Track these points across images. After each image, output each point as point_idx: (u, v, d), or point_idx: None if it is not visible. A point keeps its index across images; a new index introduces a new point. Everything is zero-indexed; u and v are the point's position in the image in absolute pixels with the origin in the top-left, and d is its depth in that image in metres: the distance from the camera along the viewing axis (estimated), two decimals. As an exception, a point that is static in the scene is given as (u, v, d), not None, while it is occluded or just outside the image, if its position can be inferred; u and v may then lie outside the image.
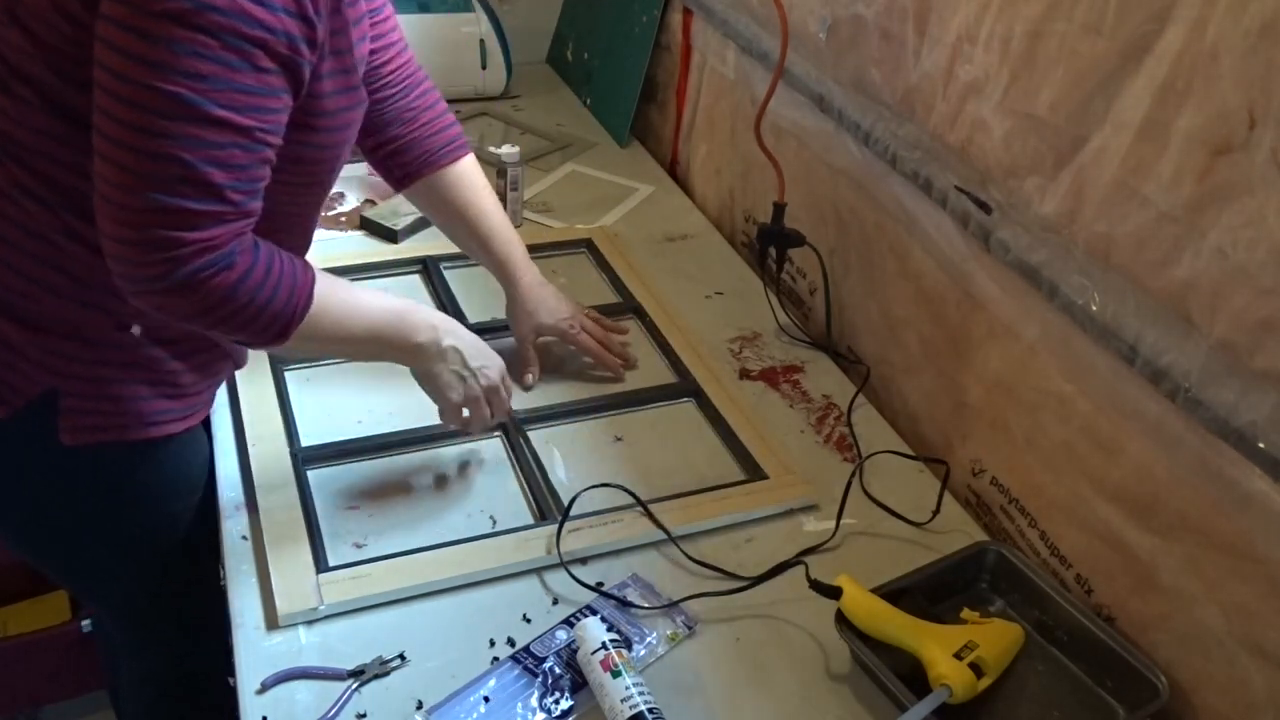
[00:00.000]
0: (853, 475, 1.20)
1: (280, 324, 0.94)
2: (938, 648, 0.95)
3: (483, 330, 1.42)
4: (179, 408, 1.04)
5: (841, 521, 1.15)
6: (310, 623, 1.00)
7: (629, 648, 0.97)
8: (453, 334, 1.10)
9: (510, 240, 1.31)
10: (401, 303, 1.08)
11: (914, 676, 0.95)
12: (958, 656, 0.95)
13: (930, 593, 1.06)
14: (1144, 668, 0.97)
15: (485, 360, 1.13)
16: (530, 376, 1.33)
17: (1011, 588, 1.09)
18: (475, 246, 1.31)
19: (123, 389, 0.99)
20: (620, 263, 1.59)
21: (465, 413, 1.13)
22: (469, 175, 1.27)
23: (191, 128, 0.81)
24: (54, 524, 1.06)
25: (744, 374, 1.40)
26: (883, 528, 1.17)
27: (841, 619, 0.98)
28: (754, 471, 1.22)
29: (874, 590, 1.00)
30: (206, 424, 1.18)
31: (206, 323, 0.90)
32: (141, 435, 1.02)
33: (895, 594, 1.02)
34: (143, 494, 1.08)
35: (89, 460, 1.01)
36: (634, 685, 0.92)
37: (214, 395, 1.13)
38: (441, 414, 1.14)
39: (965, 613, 1.04)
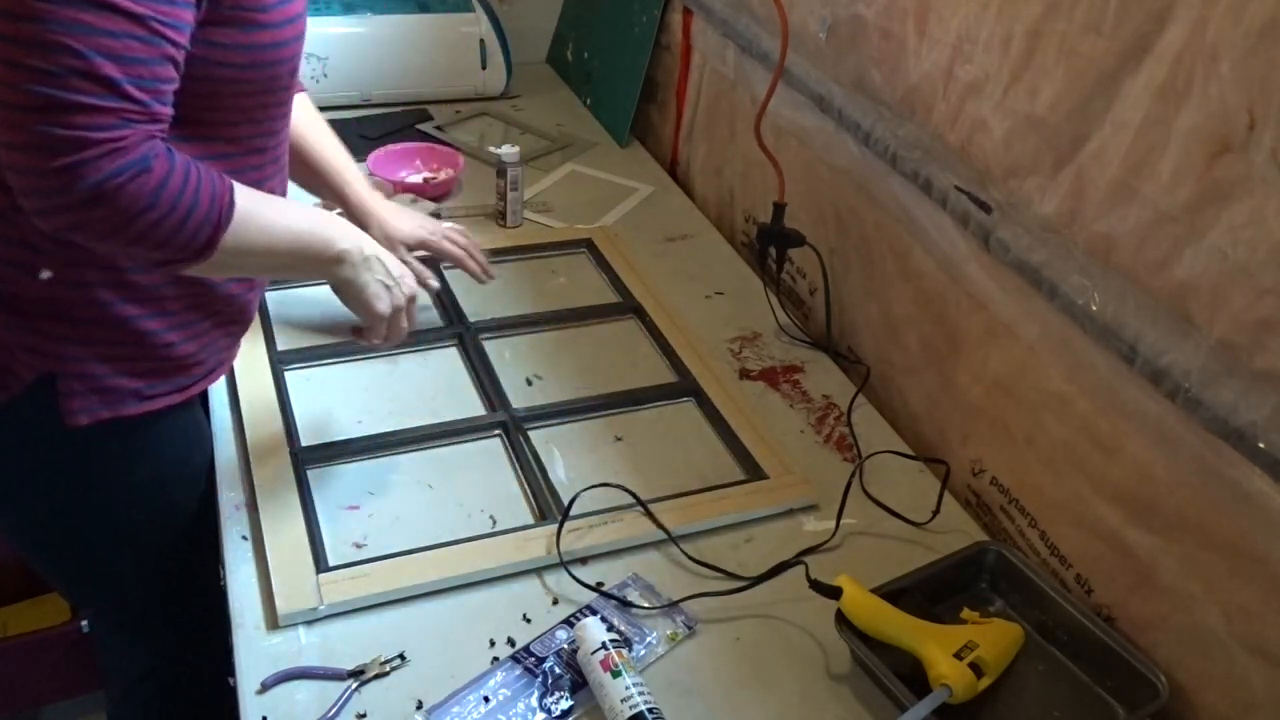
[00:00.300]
0: (853, 475, 1.20)
1: (205, 233, 0.87)
2: (938, 648, 0.95)
3: (484, 329, 1.42)
4: (179, 378, 1.04)
5: (842, 521, 1.15)
6: (310, 623, 1.00)
7: (629, 648, 0.97)
8: (372, 243, 1.07)
9: (349, 164, 1.30)
10: (316, 210, 1.06)
11: (914, 676, 0.95)
12: (958, 656, 0.95)
13: (930, 593, 1.06)
14: (1144, 667, 0.97)
15: (402, 270, 1.10)
16: (432, 280, 1.31)
17: (1011, 588, 1.09)
18: (316, 173, 1.28)
19: (118, 365, 0.98)
20: (620, 263, 1.59)
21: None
22: (305, 106, 1.25)
23: (77, 10, 0.74)
24: (55, 512, 1.05)
25: (744, 374, 1.40)
26: (883, 528, 1.17)
27: (841, 619, 0.98)
28: (754, 471, 1.22)
29: (874, 590, 1.00)
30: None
31: (126, 238, 0.84)
32: (139, 410, 1.01)
33: (895, 594, 1.02)
34: (144, 477, 1.07)
35: (90, 443, 1.00)
36: (634, 685, 0.92)
37: (218, 369, 1.12)
38: (364, 329, 1.11)
39: (965, 613, 1.04)
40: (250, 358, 1.29)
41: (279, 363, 1.31)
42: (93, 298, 0.95)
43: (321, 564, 1.04)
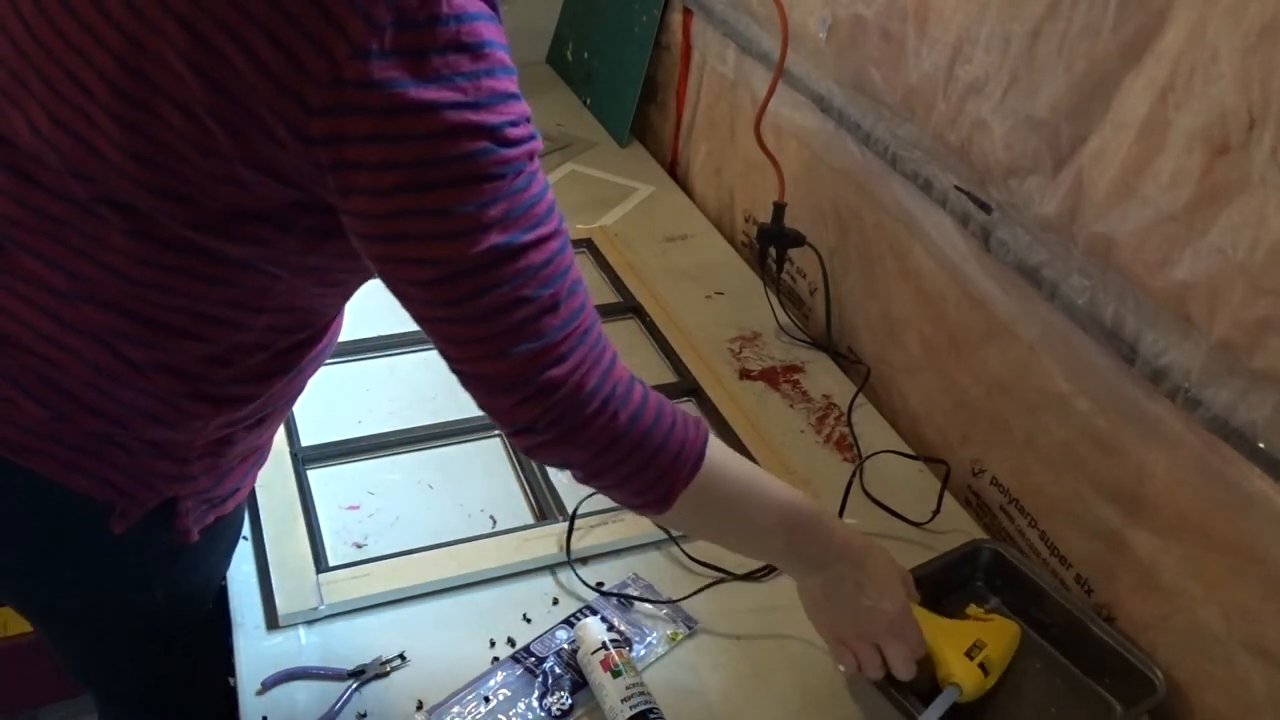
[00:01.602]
0: (853, 476, 1.20)
1: (667, 480, 0.81)
2: (949, 646, 0.95)
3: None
4: (254, 471, 1.00)
5: (843, 517, 1.15)
6: (310, 623, 1.00)
7: (629, 648, 0.97)
8: (860, 565, 0.91)
9: None
10: (806, 499, 0.92)
11: (915, 678, 0.95)
12: (968, 656, 0.94)
13: (927, 591, 1.06)
14: (1140, 663, 0.97)
15: (890, 596, 0.93)
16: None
17: (1006, 585, 1.09)
18: None
19: (221, 475, 0.93)
20: (620, 263, 1.59)
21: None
22: None
23: (514, 264, 0.73)
24: (120, 611, 0.98)
25: (744, 374, 1.40)
26: (883, 527, 1.17)
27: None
28: (754, 471, 1.22)
29: None
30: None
31: (600, 464, 0.80)
32: (233, 505, 0.97)
33: None
34: (204, 574, 1.01)
35: (185, 549, 0.94)
36: (634, 685, 0.92)
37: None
38: (834, 653, 0.97)
39: (971, 609, 1.04)
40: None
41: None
42: (232, 434, 0.91)
43: (321, 564, 1.04)
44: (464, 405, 1.28)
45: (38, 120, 0.74)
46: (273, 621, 0.99)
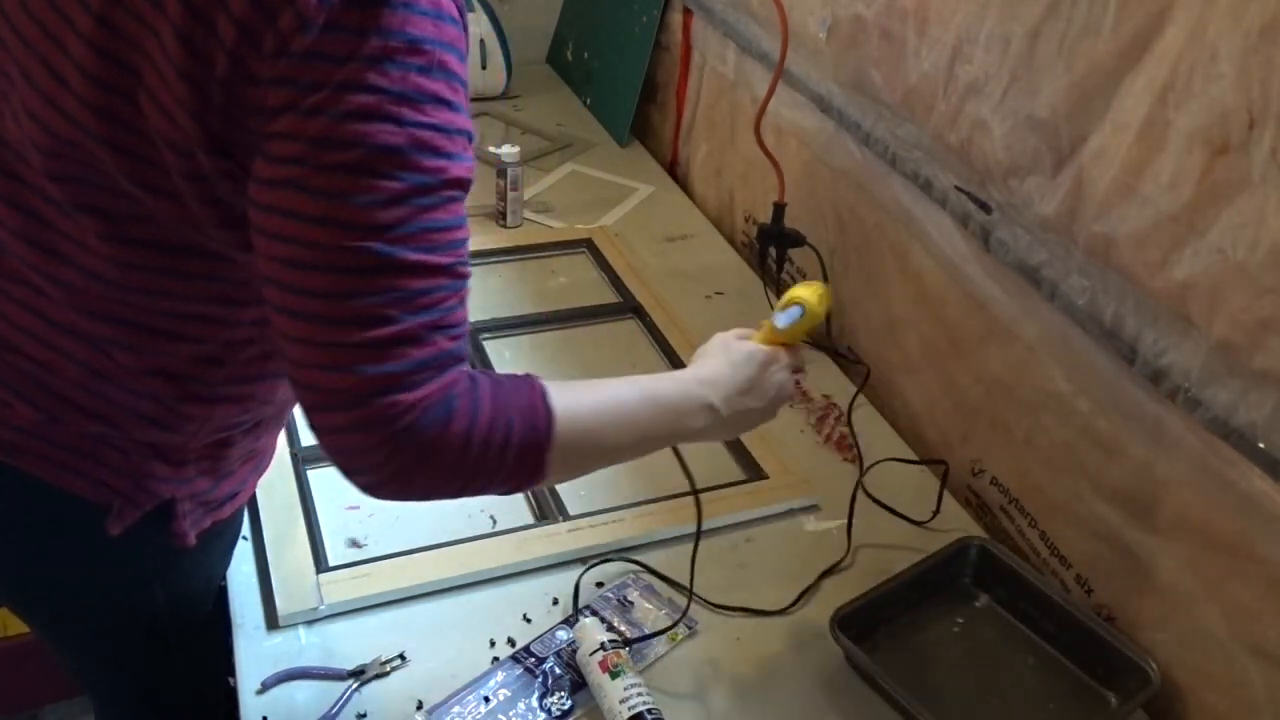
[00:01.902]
0: (857, 487, 1.19)
1: (531, 460, 0.75)
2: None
3: (484, 329, 1.42)
4: (251, 477, 1.00)
5: (846, 522, 1.15)
6: (310, 623, 1.00)
7: (628, 648, 0.97)
8: (725, 398, 0.90)
9: None
10: (658, 386, 0.89)
11: (911, 677, 0.95)
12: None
13: (917, 591, 1.06)
14: (1134, 655, 0.98)
15: (763, 388, 0.93)
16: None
17: (996, 582, 1.09)
18: None
19: (219, 478, 0.93)
20: (620, 263, 1.59)
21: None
22: None
23: (391, 278, 0.67)
24: (100, 604, 0.97)
25: (744, 374, 1.40)
26: (883, 527, 1.17)
27: (837, 623, 0.98)
28: (754, 471, 1.22)
29: (862, 596, 1.01)
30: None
31: (453, 487, 0.75)
32: (230, 510, 0.97)
33: (885, 596, 1.02)
34: (203, 578, 1.00)
35: (186, 552, 0.93)
36: (633, 686, 0.92)
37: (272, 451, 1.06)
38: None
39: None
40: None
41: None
42: (230, 437, 0.91)
43: (321, 564, 1.04)
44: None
45: (19, 115, 0.74)
46: (273, 621, 0.99)
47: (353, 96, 0.65)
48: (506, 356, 1.38)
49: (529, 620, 1.02)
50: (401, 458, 0.71)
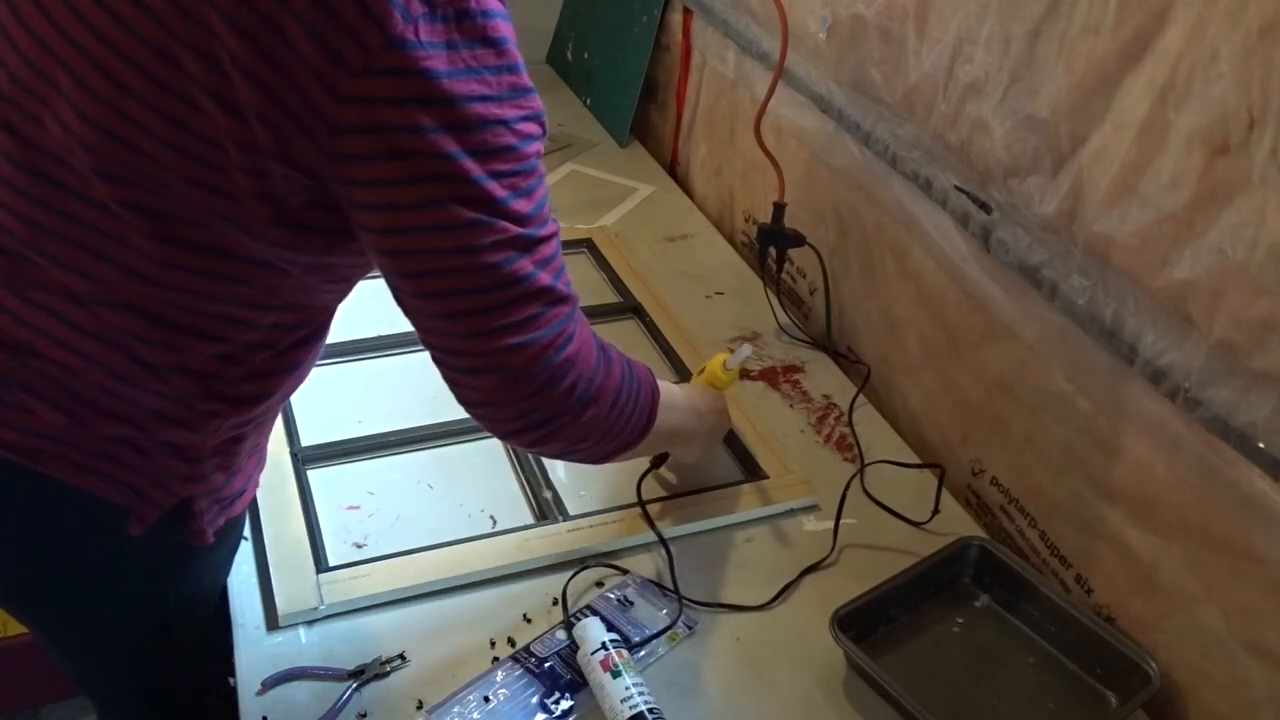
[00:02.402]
0: (849, 484, 1.19)
1: (642, 424, 0.93)
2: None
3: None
4: (256, 474, 1.01)
5: (841, 521, 1.15)
6: (310, 623, 1.00)
7: (629, 648, 0.97)
8: (710, 412, 1.13)
9: None
10: (675, 387, 1.06)
11: (911, 677, 0.95)
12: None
13: (917, 591, 1.06)
14: (1134, 655, 0.98)
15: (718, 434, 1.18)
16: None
17: (996, 581, 1.09)
18: None
19: (230, 474, 0.93)
20: (620, 263, 1.59)
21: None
22: None
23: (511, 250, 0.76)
24: (117, 613, 0.97)
25: (744, 374, 1.40)
26: (883, 528, 1.17)
27: (837, 623, 0.98)
28: (754, 471, 1.22)
29: (862, 596, 1.01)
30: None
31: (594, 436, 0.87)
32: (242, 507, 0.98)
33: (885, 596, 1.02)
34: (210, 577, 1.01)
35: (201, 550, 0.94)
36: (634, 686, 0.92)
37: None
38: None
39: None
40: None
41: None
42: (242, 433, 0.92)
43: (321, 564, 1.04)
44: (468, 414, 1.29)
45: (67, 118, 0.73)
46: (273, 621, 0.99)
47: (467, 108, 0.70)
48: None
49: (529, 620, 1.02)
50: (582, 406, 0.83)
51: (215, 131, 0.71)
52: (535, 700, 0.94)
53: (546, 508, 1.14)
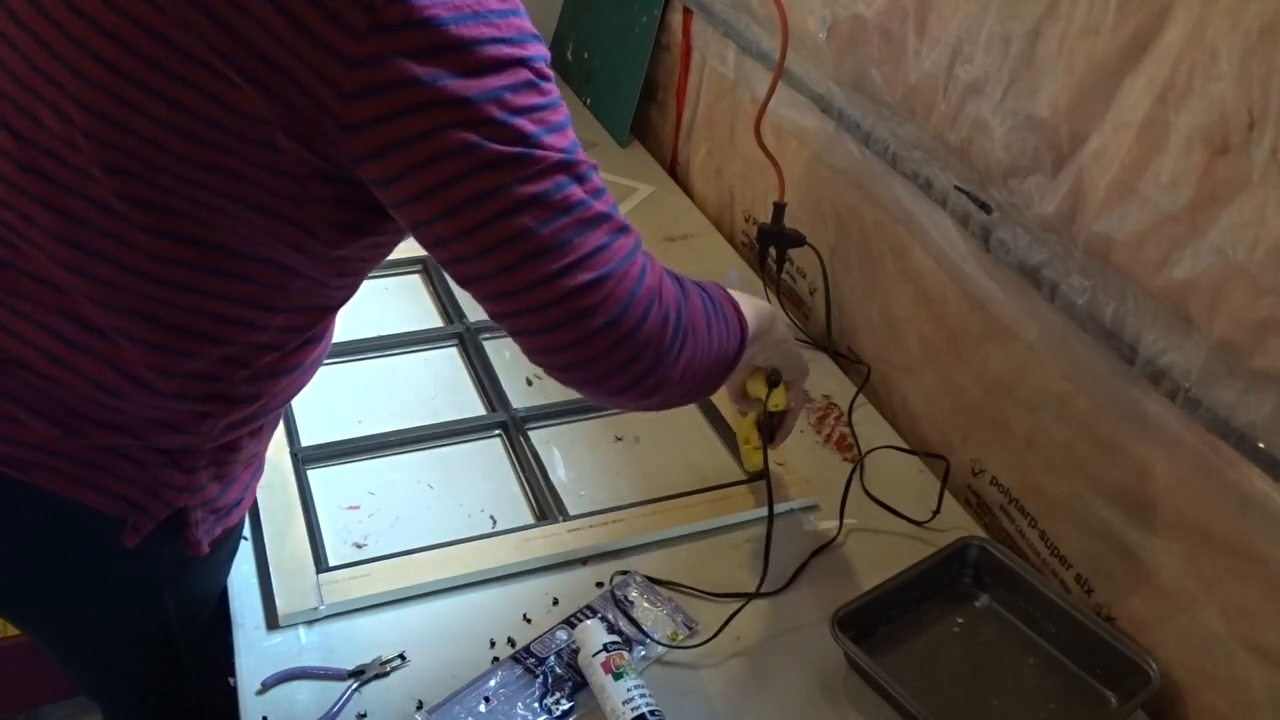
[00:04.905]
0: (852, 472, 1.20)
1: (732, 347, 0.88)
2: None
3: (484, 329, 1.42)
4: (252, 481, 1.00)
5: (844, 521, 1.15)
6: (310, 623, 1.00)
7: (629, 649, 0.97)
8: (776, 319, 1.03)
9: None
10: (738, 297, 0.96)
11: (911, 677, 0.95)
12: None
13: (917, 591, 1.06)
14: (1134, 655, 0.98)
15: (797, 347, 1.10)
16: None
17: (996, 581, 1.09)
18: None
19: (227, 483, 0.93)
20: (620, 263, 1.59)
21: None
22: None
23: (556, 179, 0.73)
24: (122, 624, 0.97)
25: (744, 374, 1.40)
26: (884, 527, 1.17)
27: (837, 623, 0.98)
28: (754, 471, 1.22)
29: (862, 596, 1.01)
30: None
31: (703, 368, 0.83)
32: (238, 517, 0.97)
33: (885, 596, 1.02)
34: (209, 585, 1.01)
35: (196, 560, 0.94)
36: (635, 687, 0.92)
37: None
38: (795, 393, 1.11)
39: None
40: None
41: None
42: (238, 438, 0.91)
43: (321, 564, 1.04)
44: (464, 405, 1.29)
45: (67, 110, 0.72)
46: (273, 621, 0.99)
47: (481, 51, 0.68)
48: (507, 356, 1.38)
49: (529, 620, 1.02)
50: (663, 342, 0.77)
51: (216, 112, 0.70)
52: (535, 701, 0.94)
53: (546, 508, 1.14)
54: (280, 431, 1.20)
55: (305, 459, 1.18)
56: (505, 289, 0.73)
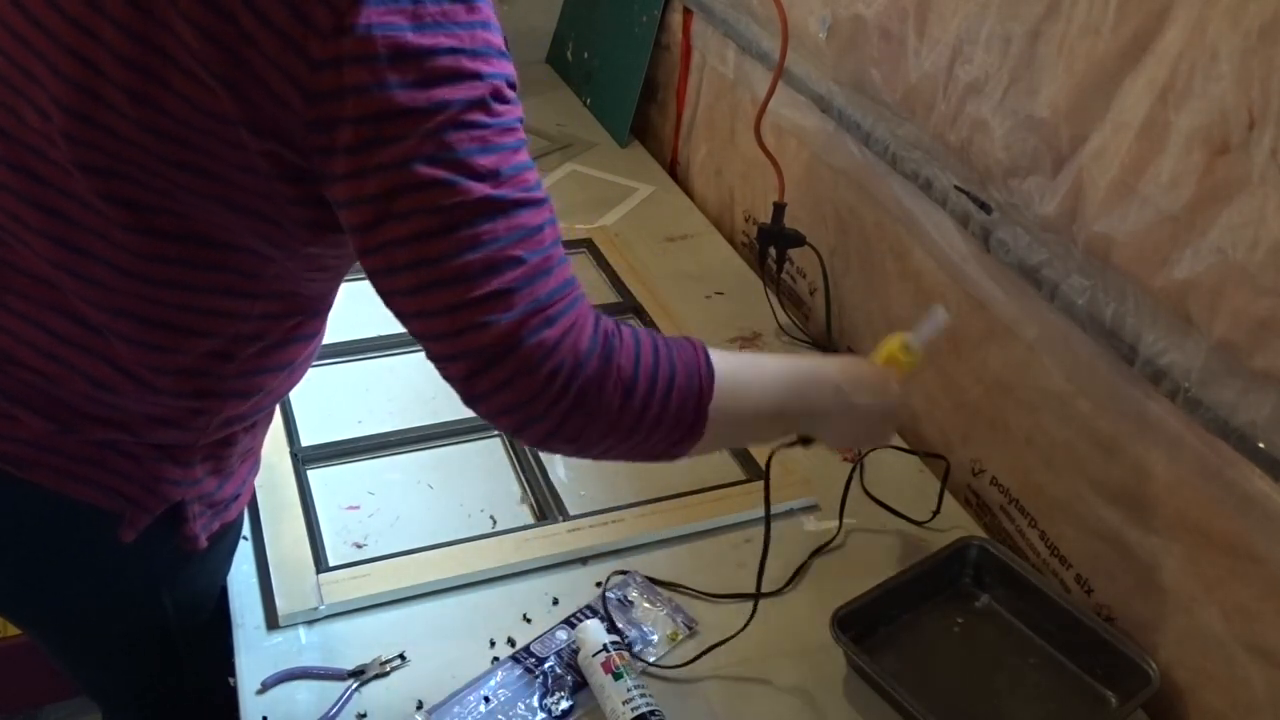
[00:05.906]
0: (852, 472, 1.20)
1: (693, 408, 0.77)
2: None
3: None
4: (249, 477, 1.00)
5: (843, 521, 1.15)
6: (310, 623, 1.00)
7: (629, 649, 0.97)
8: (853, 384, 0.94)
9: None
10: (792, 358, 0.96)
11: (911, 677, 0.95)
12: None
13: (917, 591, 1.06)
14: (1134, 655, 0.97)
15: (887, 392, 0.98)
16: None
17: (996, 582, 1.09)
18: None
19: (223, 478, 0.93)
20: (620, 263, 1.59)
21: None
22: None
23: (492, 221, 0.69)
24: (107, 608, 0.96)
25: (744, 374, 1.40)
26: (884, 527, 1.17)
27: (837, 623, 0.98)
28: (754, 471, 1.22)
29: (862, 596, 1.01)
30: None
31: (621, 430, 0.75)
32: (236, 512, 0.97)
33: (885, 596, 1.02)
34: (208, 579, 1.01)
35: (195, 556, 0.94)
36: (635, 687, 0.92)
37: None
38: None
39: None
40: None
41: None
42: (233, 434, 0.91)
43: (321, 564, 1.05)
44: (464, 405, 1.29)
45: (46, 107, 0.73)
46: (273, 621, 0.99)
47: (436, 61, 0.67)
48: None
49: (529, 620, 1.02)
50: (569, 396, 0.72)
51: (185, 110, 0.69)
52: (535, 700, 0.94)
53: (546, 508, 1.14)
54: (280, 431, 1.20)
55: (305, 459, 1.18)
56: (416, 309, 0.72)
